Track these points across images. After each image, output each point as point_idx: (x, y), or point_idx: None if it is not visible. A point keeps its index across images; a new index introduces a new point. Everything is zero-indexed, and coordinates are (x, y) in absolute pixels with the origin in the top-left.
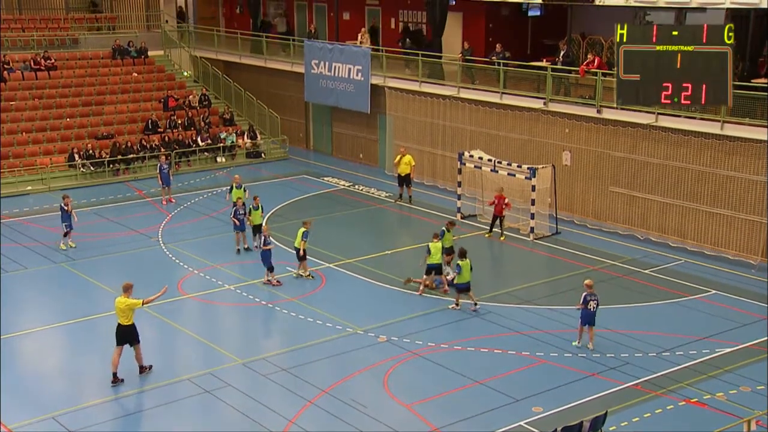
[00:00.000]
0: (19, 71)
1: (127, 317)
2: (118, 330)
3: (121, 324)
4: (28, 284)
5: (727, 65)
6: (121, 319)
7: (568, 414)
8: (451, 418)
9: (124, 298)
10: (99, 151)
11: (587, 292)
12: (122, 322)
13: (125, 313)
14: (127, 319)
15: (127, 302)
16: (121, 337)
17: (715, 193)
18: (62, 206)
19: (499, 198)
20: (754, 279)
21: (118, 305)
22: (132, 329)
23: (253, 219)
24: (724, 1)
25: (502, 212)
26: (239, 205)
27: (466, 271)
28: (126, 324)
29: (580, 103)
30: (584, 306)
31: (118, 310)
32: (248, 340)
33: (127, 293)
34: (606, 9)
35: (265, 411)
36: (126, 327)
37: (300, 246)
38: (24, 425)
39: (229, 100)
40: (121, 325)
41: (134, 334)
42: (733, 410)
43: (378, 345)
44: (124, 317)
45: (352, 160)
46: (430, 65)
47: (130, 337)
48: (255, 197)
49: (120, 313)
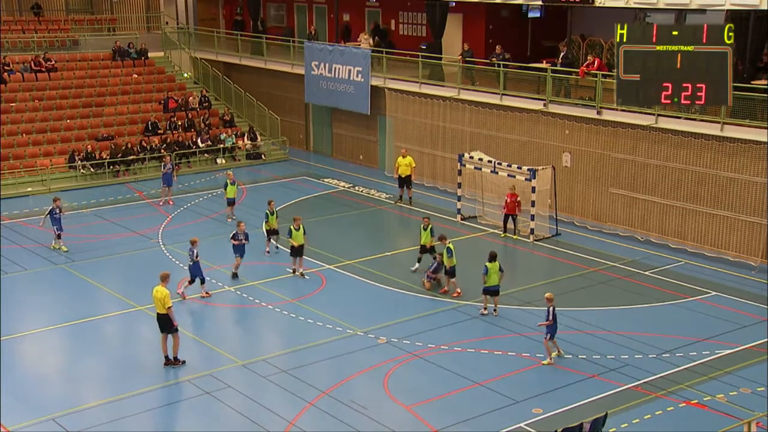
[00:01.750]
0: (20, 73)
1: (162, 306)
2: (157, 318)
3: (159, 313)
4: (28, 286)
5: (727, 65)
6: (159, 307)
7: (568, 415)
8: (451, 420)
9: (161, 287)
10: (99, 152)
11: (551, 306)
12: (159, 311)
13: (162, 301)
14: (162, 308)
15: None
16: (162, 324)
17: (715, 195)
18: (53, 209)
19: (512, 196)
20: (755, 280)
21: (155, 294)
22: (166, 318)
23: (270, 223)
24: (723, 3)
25: (515, 211)
26: (240, 229)
27: (493, 274)
28: (162, 313)
29: (580, 104)
30: (553, 321)
31: (155, 300)
32: (248, 341)
33: (164, 282)
34: (606, 10)
35: (265, 412)
36: (162, 315)
37: (295, 243)
38: (24, 426)
39: (229, 102)
40: (159, 313)
41: (168, 323)
42: (733, 412)
43: (378, 346)
44: (161, 305)
45: (352, 162)
46: (431, 66)
47: (165, 325)
48: (270, 201)
49: (157, 302)
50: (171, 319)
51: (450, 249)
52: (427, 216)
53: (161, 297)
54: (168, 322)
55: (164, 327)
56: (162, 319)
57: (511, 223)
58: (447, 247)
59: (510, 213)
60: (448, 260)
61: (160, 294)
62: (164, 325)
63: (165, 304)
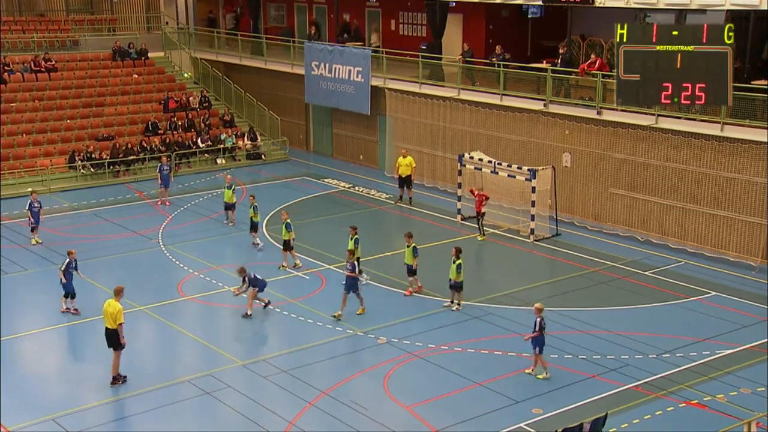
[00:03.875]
0: (20, 73)
1: (111, 321)
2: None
3: (107, 327)
4: (28, 286)
5: (727, 65)
6: (108, 322)
7: (568, 415)
8: (452, 420)
9: (114, 302)
10: (99, 152)
11: (540, 317)
12: (107, 326)
13: (113, 317)
14: (111, 323)
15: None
16: (109, 340)
17: (715, 195)
18: (31, 203)
19: (478, 195)
20: (755, 281)
21: (106, 308)
22: (114, 334)
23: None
24: (724, 3)
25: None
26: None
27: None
28: (111, 328)
29: (580, 104)
30: (540, 332)
31: (105, 314)
32: (248, 341)
33: (118, 297)
34: (606, 10)
35: (265, 412)
36: (110, 331)
37: (287, 237)
38: (24, 426)
39: (229, 102)
40: (107, 328)
41: (115, 339)
42: (733, 412)
43: (378, 346)
44: (111, 320)
45: (352, 162)
46: (431, 67)
47: (111, 341)
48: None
49: (107, 317)
50: (120, 335)
51: (416, 248)
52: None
53: (113, 312)
54: (116, 339)
55: (111, 343)
56: (110, 335)
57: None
58: (413, 246)
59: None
60: (413, 259)
61: (111, 308)
62: (111, 340)
63: (117, 320)
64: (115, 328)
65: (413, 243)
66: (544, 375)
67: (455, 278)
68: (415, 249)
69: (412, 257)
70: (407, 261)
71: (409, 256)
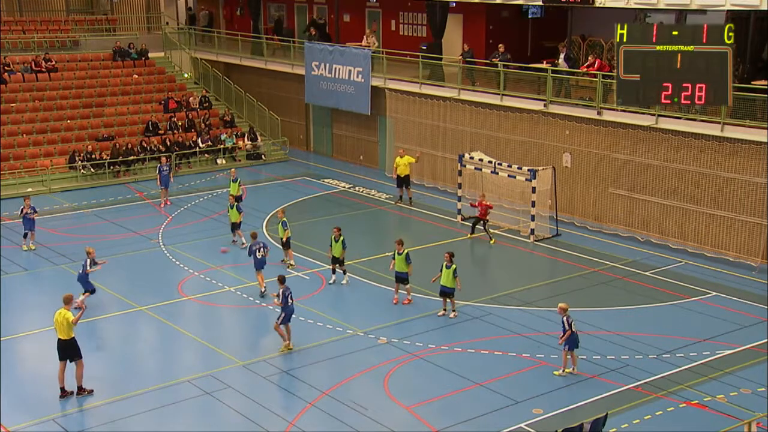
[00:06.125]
0: (20, 73)
1: (65, 332)
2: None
3: (60, 339)
4: (28, 286)
5: (727, 65)
6: (60, 332)
7: (568, 416)
8: (452, 420)
9: (64, 311)
10: (99, 152)
11: (565, 315)
12: (61, 336)
13: (63, 327)
14: (65, 333)
15: (66, 316)
16: (62, 352)
17: (715, 195)
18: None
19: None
20: (755, 281)
21: (57, 318)
22: (72, 344)
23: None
24: (724, 3)
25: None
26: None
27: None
28: (65, 339)
29: (580, 105)
30: (572, 331)
31: (56, 324)
32: (248, 341)
33: (68, 305)
34: (606, 11)
35: (265, 413)
36: (66, 342)
37: (284, 236)
38: (24, 426)
39: (229, 102)
40: (60, 339)
41: (75, 349)
42: (733, 412)
43: (378, 347)
44: (63, 330)
45: (353, 162)
46: (431, 67)
47: (71, 351)
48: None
49: (59, 327)
50: (76, 344)
51: (409, 255)
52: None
53: (62, 321)
54: (73, 348)
55: (67, 353)
56: (66, 345)
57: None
58: (406, 253)
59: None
60: (407, 267)
61: (62, 318)
62: (68, 351)
63: (69, 330)
64: (67, 339)
65: (405, 249)
66: (572, 369)
67: (450, 285)
68: (407, 256)
69: (406, 265)
70: (399, 269)
71: (401, 264)
